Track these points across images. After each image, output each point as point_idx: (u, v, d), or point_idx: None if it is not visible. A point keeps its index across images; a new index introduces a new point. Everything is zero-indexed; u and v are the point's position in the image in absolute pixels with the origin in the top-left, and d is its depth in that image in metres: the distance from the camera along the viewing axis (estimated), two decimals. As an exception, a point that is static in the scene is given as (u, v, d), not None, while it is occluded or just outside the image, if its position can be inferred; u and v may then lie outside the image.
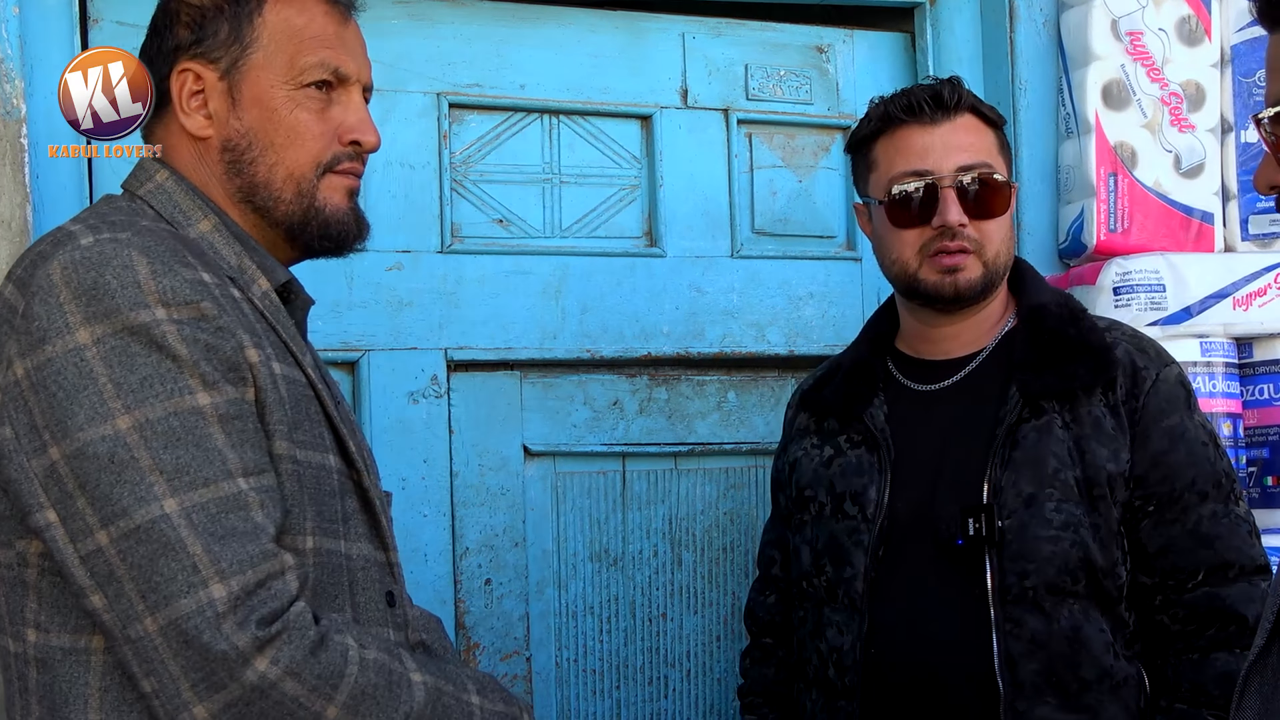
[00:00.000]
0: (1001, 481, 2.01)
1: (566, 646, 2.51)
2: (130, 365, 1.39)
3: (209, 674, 1.35)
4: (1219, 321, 2.54)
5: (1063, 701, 1.97)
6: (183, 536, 1.36)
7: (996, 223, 2.08)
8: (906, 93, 2.14)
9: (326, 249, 1.68)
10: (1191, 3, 2.61)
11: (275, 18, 1.61)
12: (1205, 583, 1.99)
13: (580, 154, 2.55)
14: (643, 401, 2.58)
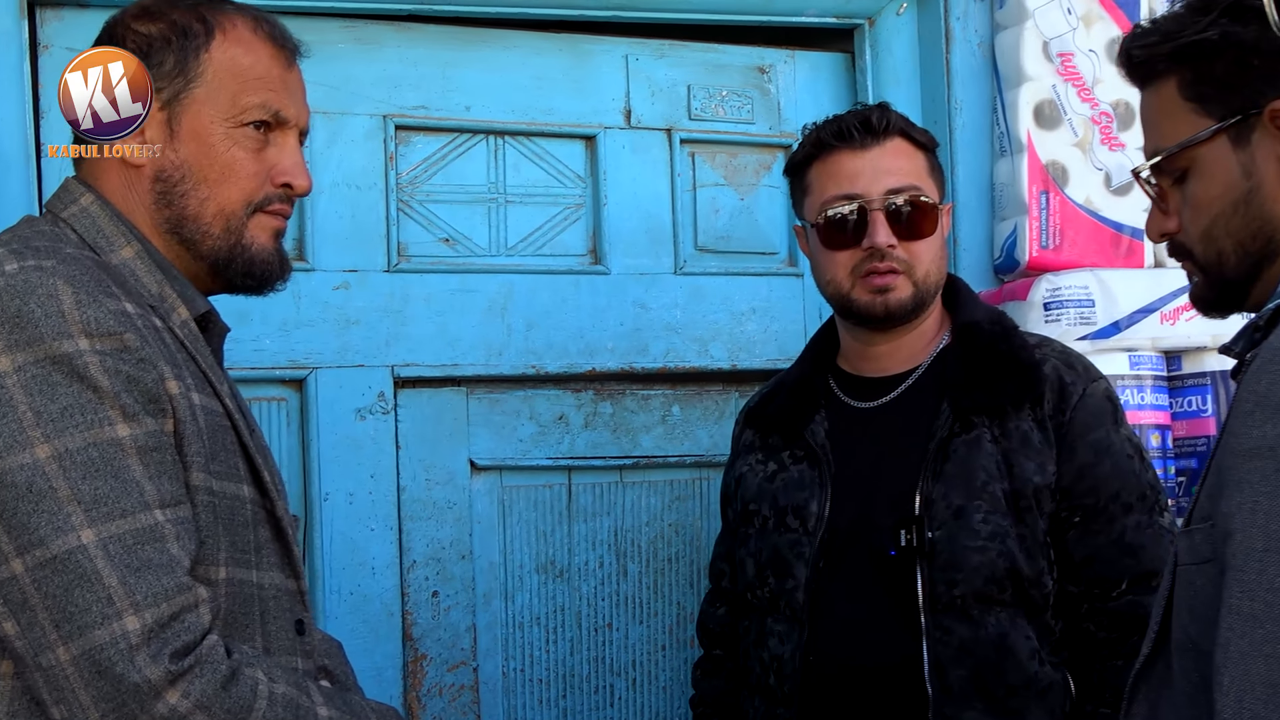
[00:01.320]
0: (932, 494, 2.02)
1: (513, 657, 2.50)
2: (51, 394, 1.37)
3: (120, 705, 1.34)
4: (1147, 336, 2.55)
5: (989, 706, 1.97)
6: (99, 567, 1.35)
7: (926, 243, 2.08)
8: (838, 119, 2.15)
9: (249, 286, 1.66)
10: (1121, 24, 2.62)
11: (222, 55, 1.60)
12: (1129, 591, 2.00)
13: (525, 174, 2.55)
14: (588, 416, 2.58)
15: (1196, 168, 1.52)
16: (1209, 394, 2.58)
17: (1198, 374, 2.58)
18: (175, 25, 1.60)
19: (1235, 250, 1.52)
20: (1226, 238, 1.52)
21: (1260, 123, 1.46)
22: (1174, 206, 1.56)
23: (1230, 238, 1.51)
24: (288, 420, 2.37)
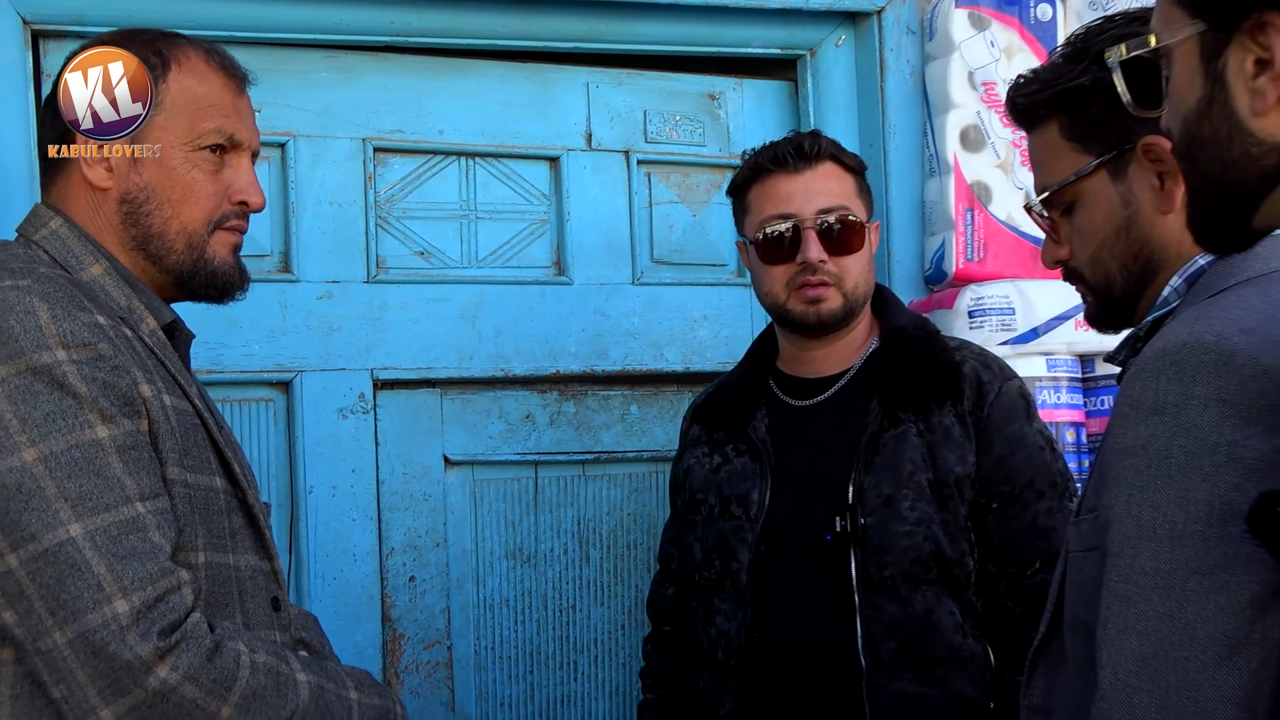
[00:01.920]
0: (864, 484, 2.05)
1: (484, 636, 2.51)
2: (34, 402, 1.39)
3: (115, 681, 1.37)
4: (1063, 341, 2.56)
5: (917, 676, 2.01)
6: (88, 557, 1.37)
7: (854, 258, 2.12)
8: (774, 145, 2.18)
9: (211, 296, 1.68)
10: (1039, 55, 2.60)
11: (178, 85, 1.62)
12: (1042, 570, 2.02)
13: (494, 192, 2.56)
14: (553, 415, 2.59)
15: (1081, 200, 1.57)
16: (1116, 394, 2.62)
17: (1109, 375, 2.57)
18: None
19: (1120, 271, 1.57)
20: (1112, 260, 1.57)
21: (1134, 156, 1.51)
22: (1065, 235, 1.61)
23: (1115, 260, 1.56)
24: (275, 419, 2.39)
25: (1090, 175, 1.55)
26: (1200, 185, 1.16)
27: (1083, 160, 1.55)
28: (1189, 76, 1.14)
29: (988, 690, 2.07)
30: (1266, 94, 1.07)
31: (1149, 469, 1.27)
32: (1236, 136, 1.10)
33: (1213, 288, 1.44)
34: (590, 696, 2.61)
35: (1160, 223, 1.53)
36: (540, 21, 2.51)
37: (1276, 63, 1.05)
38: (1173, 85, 1.18)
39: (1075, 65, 1.55)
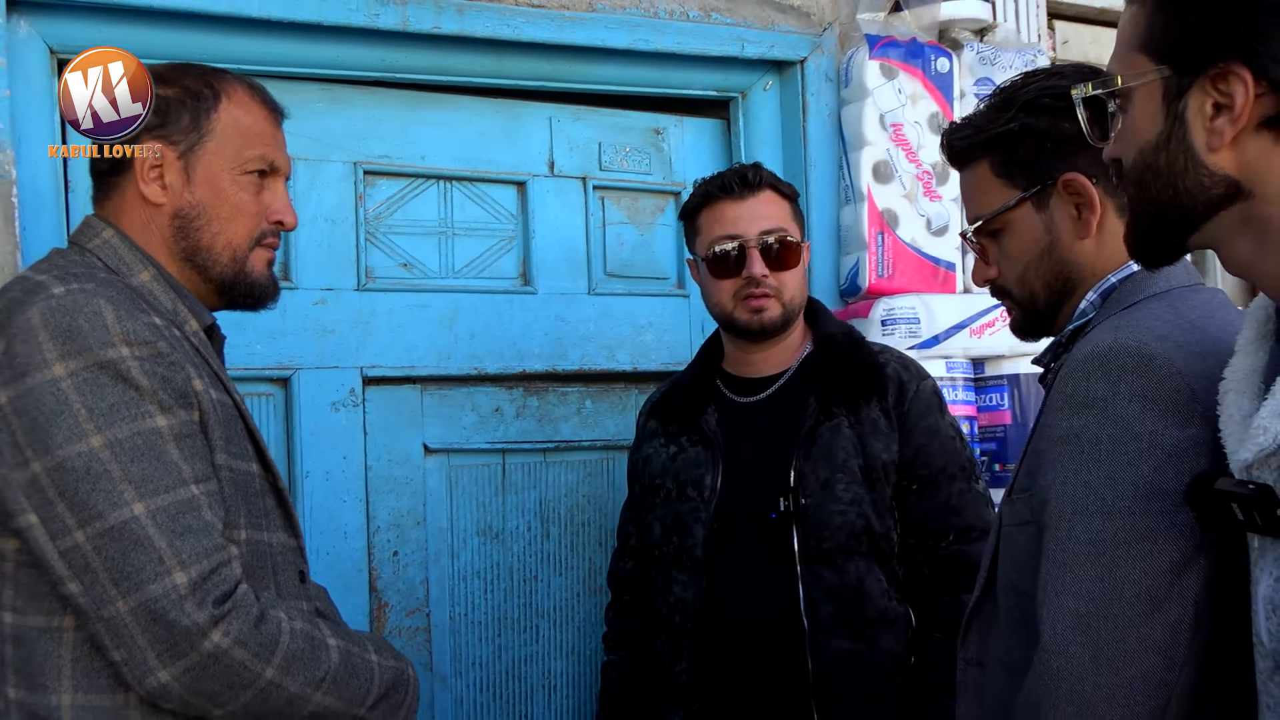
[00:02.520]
0: (804, 470, 2.13)
1: (458, 604, 2.56)
2: (100, 394, 1.41)
3: (173, 645, 1.38)
4: (960, 346, 2.67)
5: (851, 634, 2.09)
6: (150, 534, 1.39)
7: (791, 273, 2.21)
8: (721, 175, 2.26)
9: (248, 305, 1.71)
10: (939, 102, 2.75)
11: (228, 115, 1.64)
12: (955, 542, 2.13)
13: (468, 212, 2.61)
14: (519, 408, 2.64)
15: (1009, 228, 1.61)
16: (1005, 392, 2.69)
17: (997, 376, 2.70)
18: (189, 89, 1.64)
19: (1044, 289, 1.61)
20: (1036, 279, 1.61)
21: (1056, 190, 1.58)
22: (993, 258, 1.65)
23: (1039, 279, 1.61)
24: (275, 412, 2.41)
25: (1017, 207, 1.59)
26: (1148, 208, 1.20)
27: (1010, 194, 1.60)
28: (1150, 114, 1.17)
29: (910, 646, 2.14)
30: (1224, 133, 1.11)
31: (1082, 454, 1.33)
32: (1192, 169, 1.14)
33: (1125, 301, 1.51)
34: (550, 656, 2.66)
35: (1077, 247, 1.59)
36: (510, 63, 2.54)
37: (1236, 108, 1.10)
38: (1130, 121, 1.20)
39: (1004, 113, 1.60)
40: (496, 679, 2.64)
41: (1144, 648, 1.26)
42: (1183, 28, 1.13)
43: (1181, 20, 1.13)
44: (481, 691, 2.62)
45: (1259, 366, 1.21)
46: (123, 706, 1.46)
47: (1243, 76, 1.09)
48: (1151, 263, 1.29)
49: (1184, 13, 1.13)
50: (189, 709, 1.46)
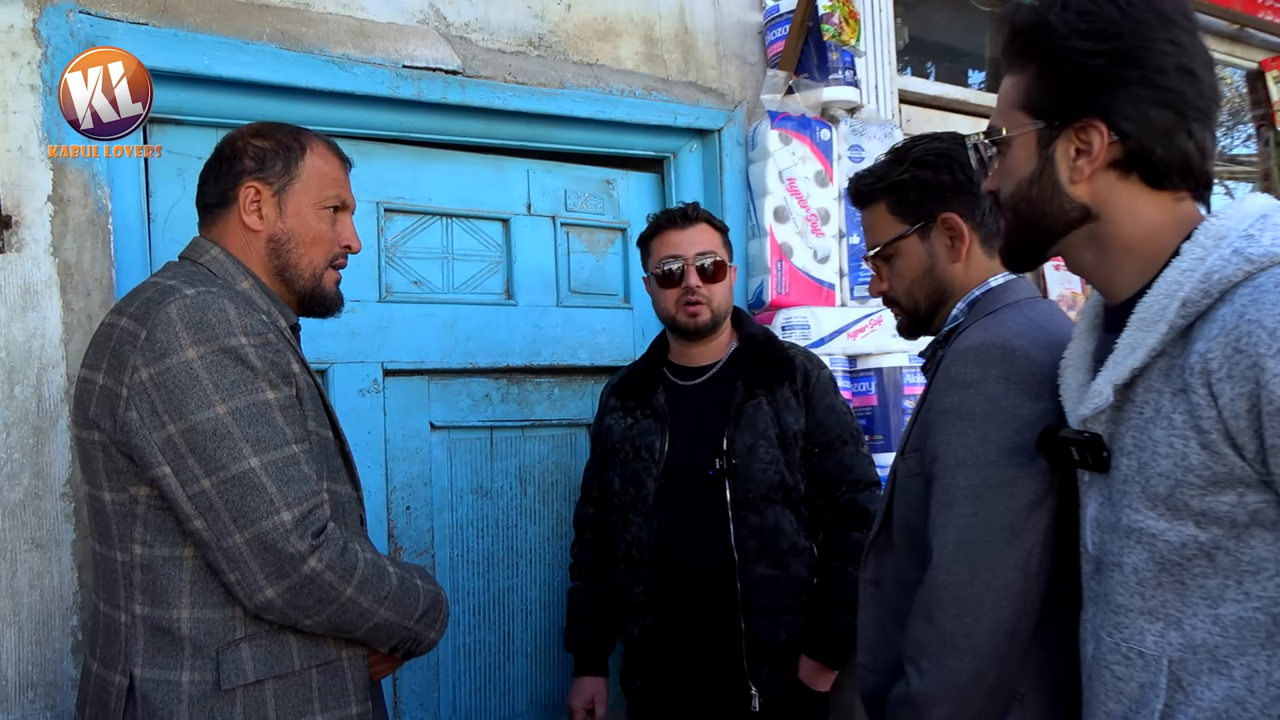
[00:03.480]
0: (734, 437, 2.18)
1: (456, 547, 2.58)
2: (224, 372, 1.43)
3: (279, 568, 1.42)
4: (840, 346, 2.74)
5: (769, 563, 2.15)
6: (263, 481, 1.42)
7: (719, 286, 2.27)
8: (669, 210, 2.34)
9: (319, 313, 1.72)
10: (822, 162, 2.82)
11: (311, 163, 1.67)
12: (848, 492, 2.20)
13: (465, 242, 2.62)
14: (503, 394, 2.66)
15: (900, 254, 1.66)
16: (873, 381, 2.74)
17: (867, 369, 2.77)
18: (280, 142, 1.65)
19: (925, 300, 1.67)
20: (919, 293, 1.67)
21: (935, 226, 1.64)
22: (885, 276, 1.71)
23: (922, 293, 1.67)
24: None
25: (906, 238, 1.65)
26: (1021, 227, 1.24)
27: (901, 228, 1.65)
28: (1026, 157, 1.21)
29: (812, 571, 2.20)
30: (1084, 171, 1.16)
31: (961, 422, 1.39)
32: (1056, 197, 1.19)
33: (987, 309, 1.58)
34: (526, 587, 2.68)
35: (950, 269, 1.63)
36: (499, 127, 2.56)
37: (1094, 152, 1.15)
38: (1009, 161, 1.23)
39: (898, 166, 1.66)
40: (486, 605, 2.64)
41: (1007, 565, 1.33)
42: (1057, 94, 1.18)
43: (1057, 88, 1.18)
44: (474, 615, 2.62)
45: (1090, 349, 1.28)
46: (231, 619, 1.48)
47: (1100, 129, 1.15)
48: (1019, 268, 1.34)
49: (1059, 82, 1.17)
50: (285, 619, 1.48)
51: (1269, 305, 0.99)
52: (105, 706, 1.49)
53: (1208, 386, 1.03)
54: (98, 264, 2.00)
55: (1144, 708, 1.12)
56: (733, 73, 2.89)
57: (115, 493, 1.48)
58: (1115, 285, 1.22)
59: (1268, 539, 1.05)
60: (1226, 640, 1.07)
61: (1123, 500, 1.15)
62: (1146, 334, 1.11)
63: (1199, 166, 1.16)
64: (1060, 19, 1.16)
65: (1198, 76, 1.14)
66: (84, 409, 1.51)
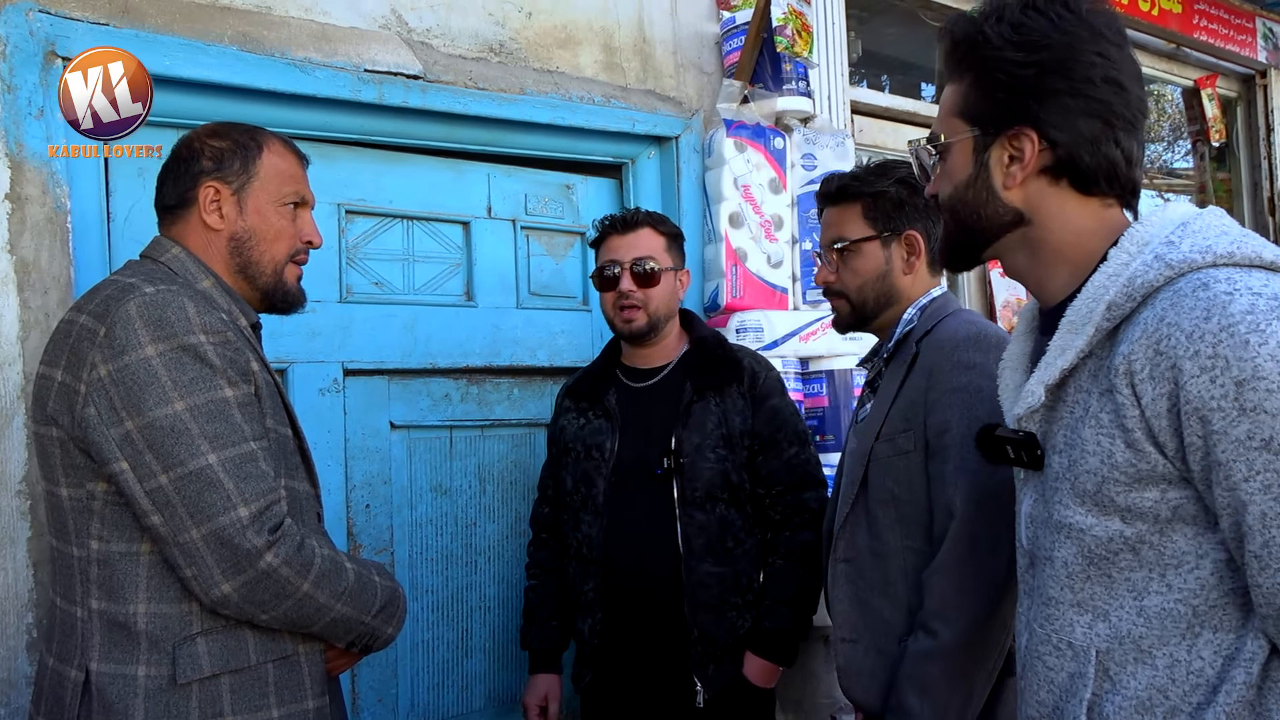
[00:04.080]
0: (682, 437, 2.18)
1: (415, 544, 2.56)
2: (183, 370, 1.42)
3: (235, 563, 1.41)
4: (792, 350, 2.76)
5: (715, 560, 2.16)
6: (221, 478, 1.41)
7: (656, 290, 2.25)
8: (612, 217, 2.34)
9: (283, 309, 1.71)
10: (776, 170, 2.84)
11: (269, 161, 1.65)
12: (793, 492, 2.20)
13: (426, 244, 2.61)
14: (463, 394, 2.65)
15: (859, 254, 1.78)
16: (824, 383, 2.77)
17: (818, 371, 2.79)
18: (237, 141, 1.64)
19: (873, 300, 1.78)
20: (870, 292, 1.79)
21: (899, 239, 1.75)
22: (837, 268, 1.80)
23: (872, 293, 1.78)
24: None
25: (871, 241, 1.76)
26: (959, 229, 1.27)
27: (869, 231, 1.77)
28: (963, 162, 1.24)
29: (756, 568, 2.21)
30: (1016, 176, 1.19)
31: (970, 399, 1.57)
32: (991, 201, 1.22)
33: (939, 315, 1.71)
34: (485, 584, 2.67)
35: (901, 279, 1.77)
36: (459, 131, 2.55)
37: (1026, 159, 1.18)
38: (948, 166, 1.26)
39: (884, 178, 1.77)
40: (444, 602, 2.63)
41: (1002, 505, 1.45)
42: (991, 102, 1.21)
43: (991, 96, 1.21)
44: (433, 612, 2.61)
45: (1027, 351, 1.32)
46: (187, 614, 1.48)
47: (1031, 137, 1.19)
48: (957, 268, 1.37)
49: (993, 91, 1.20)
50: (241, 614, 1.47)
51: (1186, 309, 1.02)
52: (61, 701, 1.48)
53: (1131, 387, 1.06)
54: (55, 262, 1.97)
55: (1073, 697, 1.15)
56: (690, 81, 2.91)
57: (72, 488, 1.47)
58: (1048, 289, 1.25)
59: (1188, 534, 1.08)
60: (1150, 631, 1.10)
61: (1054, 496, 1.17)
62: (1075, 336, 1.14)
63: (1125, 174, 1.19)
64: (995, 30, 1.19)
65: (1125, 88, 1.17)
66: (42, 405, 1.49)
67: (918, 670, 1.61)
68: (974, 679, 1.61)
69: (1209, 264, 1.05)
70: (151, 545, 1.45)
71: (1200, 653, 1.08)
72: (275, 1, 2.27)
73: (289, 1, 2.29)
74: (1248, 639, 1.06)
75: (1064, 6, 1.17)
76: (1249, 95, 5.00)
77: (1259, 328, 0.98)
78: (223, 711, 1.47)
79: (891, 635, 1.71)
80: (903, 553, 1.68)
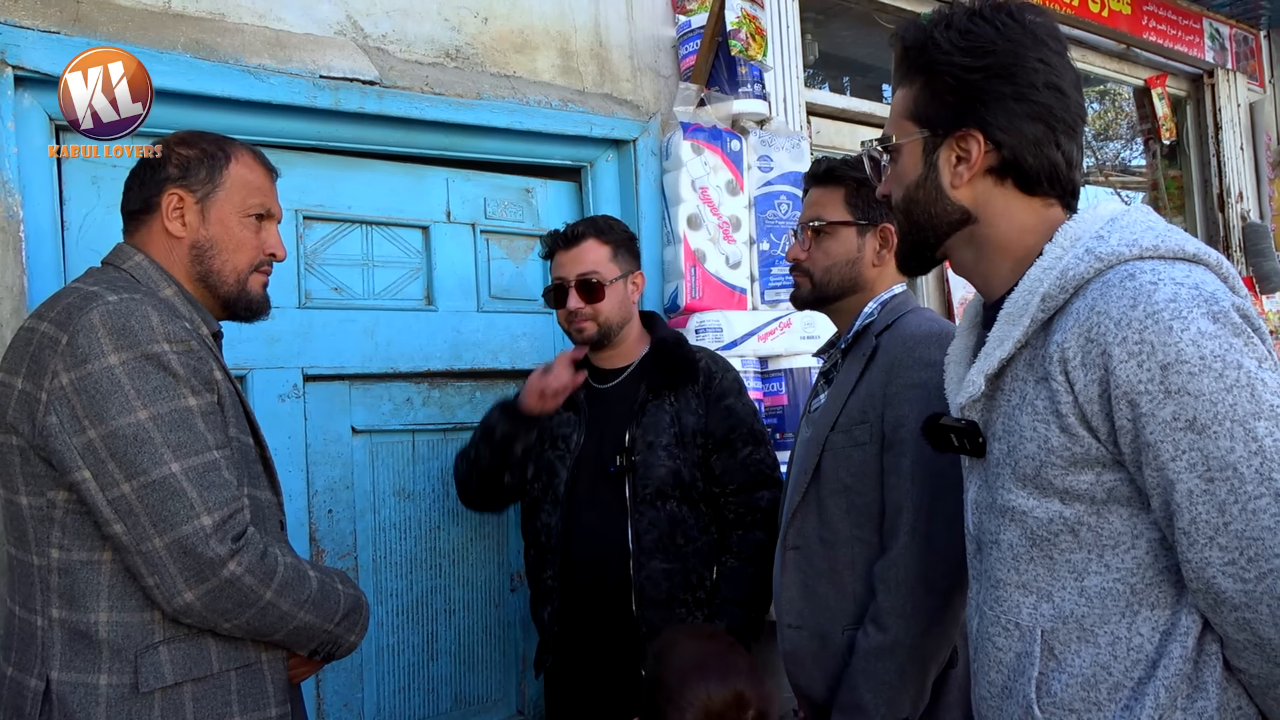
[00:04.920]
0: (635, 435, 2.23)
1: (379, 549, 2.57)
2: (146, 378, 1.42)
3: (198, 572, 1.41)
4: (751, 349, 2.79)
5: (664, 557, 2.18)
6: (184, 486, 1.41)
7: (604, 303, 2.28)
8: (556, 232, 2.35)
9: (246, 318, 1.71)
10: (733, 171, 2.87)
11: (235, 171, 1.65)
12: (747, 491, 2.23)
13: (385, 249, 2.61)
14: (425, 398, 2.66)
15: (835, 236, 1.82)
16: (783, 381, 2.81)
17: (777, 370, 2.84)
18: (205, 150, 1.64)
19: (838, 284, 1.82)
20: (837, 275, 1.82)
21: (875, 230, 1.79)
22: (808, 247, 1.83)
23: (839, 277, 1.82)
24: None
25: (848, 226, 1.80)
26: (911, 228, 1.31)
27: (847, 216, 1.80)
28: (913, 163, 1.28)
29: (707, 566, 2.23)
30: (963, 176, 1.23)
31: (928, 395, 1.57)
32: (939, 200, 1.26)
33: (899, 311, 1.75)
34: (450, 588, 2.68)
35: (869, 269, 1.81)
36: (417, 136, 2.56)
37: (972, 159, 1.23)
38: (899, 167, 1.30)
39: None
40: (409, 606, 2.64)
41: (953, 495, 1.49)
42: (940, 104, 1.26)
43: (940, 99, 1.25)
44: (398, 616, 2.62)
45: (970, 345, 1.37)
46: (149, 622, 1.48)
47: (978, 138, 1.23)
48: (913, 272, 1.41)
49: (942, 94, 1.25)
50: (204, 623, 1.48)
51: (1115, 298, 1.07)
52: (20, 710, 1.47)
53: (1065, 374, 1.11)
54: (9, 271, 1.97)
55: (1021, 675, 1.20)
56: (647, 85, 2.94)
57: (32, 497, 1.47)
58: (991, 284, 1.31)
59: (1123, 515, 1.13)
60: (1092, 610, 1.15)
61: (996, 481, 1.23)
62: (1012, 327, 1.19)
63: (1065, 176, 1.24)
64: (944, 36, 1.24)
65: (1065, 94, 1.23)
66: (1, 413, 1.49)
67: (871, 666, 1.64)
68: (926, 673, 1.64)
69: (1135, 256, 1.11)
70: (113, 554, 1.45)
71: (1139, 629, 1.12)
72: (229, 8, 2.28)
73: (243, 8, 2.29)
74: (1182, 614, 1.11)
75: (1009, 16, 1.22)
76: (1198, 94, 5.12)
77: (1181, 314, 1.03)
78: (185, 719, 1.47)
79: (836, 622, 1.74)
80: (851, 542, 1.71)
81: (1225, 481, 1.02)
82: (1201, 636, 1.11)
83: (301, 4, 2.36)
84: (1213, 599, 1.06)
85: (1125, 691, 1.12)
